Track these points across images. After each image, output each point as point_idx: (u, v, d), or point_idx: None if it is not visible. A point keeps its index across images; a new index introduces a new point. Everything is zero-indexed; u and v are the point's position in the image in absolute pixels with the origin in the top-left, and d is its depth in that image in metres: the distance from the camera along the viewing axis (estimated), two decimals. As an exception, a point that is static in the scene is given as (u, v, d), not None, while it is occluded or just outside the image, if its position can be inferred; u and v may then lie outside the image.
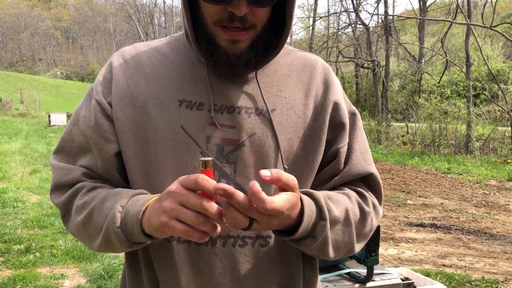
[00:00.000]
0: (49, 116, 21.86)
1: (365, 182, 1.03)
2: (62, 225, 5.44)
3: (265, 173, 0.72)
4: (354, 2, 20.24)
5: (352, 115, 1.06)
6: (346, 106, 1.05)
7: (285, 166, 0.96)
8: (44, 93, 47.61)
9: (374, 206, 1.01)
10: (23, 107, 35.35)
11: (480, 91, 17.84)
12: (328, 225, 0.86)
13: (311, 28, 24.91)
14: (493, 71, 13.58)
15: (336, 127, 1.01)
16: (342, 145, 1.00)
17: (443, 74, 18.07)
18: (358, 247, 0.99)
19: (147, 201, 0.83)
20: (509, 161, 11.64)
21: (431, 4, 24.57)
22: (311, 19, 25.08)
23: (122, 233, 0.84)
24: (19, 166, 9.60)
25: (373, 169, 1.03)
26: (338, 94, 1.04)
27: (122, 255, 4.51)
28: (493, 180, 9.70)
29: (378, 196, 1.04)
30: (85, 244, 0.96)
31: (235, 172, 0.93)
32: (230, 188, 0.70)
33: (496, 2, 11.43)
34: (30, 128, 19.74)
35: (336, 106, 1.01)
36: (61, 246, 4.71)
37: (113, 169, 0.97)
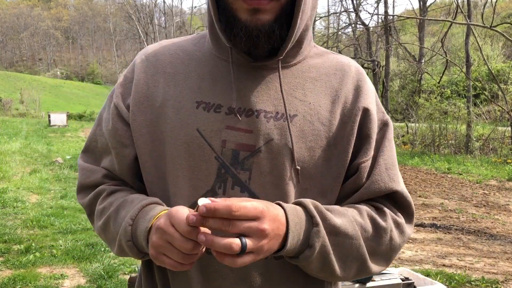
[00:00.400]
0: (49, 116, 21.84)
1: (390, 200, 0.94)
2: (62, 225, 5.45)
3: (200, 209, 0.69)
4: (354, 2, 20.24)
5: (384, 125, 0.97)
6: (377, 115, 0.96)
7: (297, 167, 0.89)
8: (44, 93, 47.62)
9: (398, 224, 0.92)
10: (23, 107, 35.35)
11: (480, 91, 17.84)
12: (323, 232, 0.80)
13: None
14: (493, 71, 13.58)
15: (362, 138, 0.93)
16: (365, 159, 0.92)
17: (443, 74, 18.08)
18: (376, 267, 0.89)
19: (153, 217, 0.82)
20: (509, 161, 11.64)
21: (431, 4, 24.61)
22: (311, 19, 25.00)
23: (134, 246, 0.85)
24: (19, 166, 9.60)
25: (399, 186, 0.93)
26: (370, 102, 0.95)
27: (122, 255, 4.51)
28: (493, 180, 9.70)
29: (406, 214, 0.95)
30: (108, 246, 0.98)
31: (250, 179, 0.88)
32: (196, 214, 0.69)
33: (496, 2, 11.43)
34: (30, 128, 19.74)
35: (365, 114, 0.93)
36: (61, 246, 4.71)
37: (129, 174, 0.96)
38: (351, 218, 0.86)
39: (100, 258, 4.35)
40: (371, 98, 0.96)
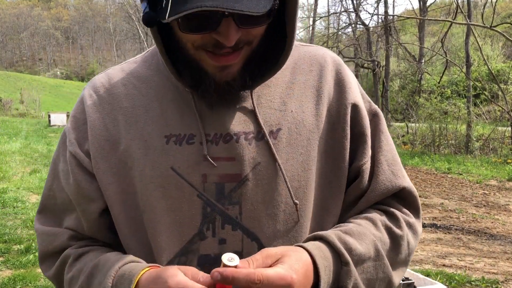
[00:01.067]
0: (49, 116, 21.88)
1: (396, 198, 0.87)
2: (62, 225, 5.44)
3: (214, 276, 0.59)
4: (354, 2, 20.24)
5: (374, 116, 0.88)
6: (365, 106, 0.87)
7: (296, 201, 0.78)
8: (44, 93, 47.67)
9: (410, 226, 0.85)
10: (23, 107, 35.35)
11: (480, 91, 17.84)
12: (354, 270, 0.72)
13: (311, 28, 24.93)
14: (493, 71, 13.57)
15: (356, 138, 0.84)
16: (365, 160, 0.83)
17: (443, 74, 18.06)
18: (397, 276, 0.82)
19: (132, 282, 0.69)
20: (509, 161, 11.64)
21: (431, 4, 24.62)
22: (311, 19, 25.11)
23: None
24: (19, 166, 9.60)
25: (405, 182, 0.86)
26: (355, 95, 0.86)
27: (122, 255, 4.52)
28: (493, 180, 9.69)
29: (414, 210, 0.88)
30: None
31: (241, 214, 0.77)
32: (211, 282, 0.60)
33: (496, 2, 11.42)
34: (30, 128, 19.73)
35: (354, 111, 0.84)
36: (61, 246, 4.71)
37: (100, 229, 0.84)
38: (371, 237, 0.78)
39: (100, 258, 4.35)
40: (355, 91, 0.87)
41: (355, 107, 0.84)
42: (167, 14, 0.64)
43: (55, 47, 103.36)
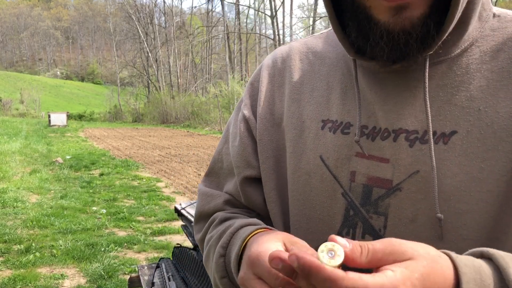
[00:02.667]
0: (49, 116, 21.92)
1: None
2: (62, 225, 5.44)
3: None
4: (354, 2, 20.29)
5: None
6: None
7: (439, 215, 0.60)
8: (44, 93, 47.71)
9: None
10: (23, 107, 35.39)
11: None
12: None
13: (311, 28, 24.94)
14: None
15: None
16: None
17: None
18: None
19: (244, 239, 0.64)
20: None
21: (431, 4, 24.63)
22: (311, 19, 25.10)
23: (231, 284, 0.67)
24: (19, 166, 9.60)
25: None
26: None
27: (122, 255, 4.51)
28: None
29: None
30: None
31: (385, 228, 0.63)
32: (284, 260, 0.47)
33: (496, 2, 11.44)
34: (30, 128, 19.75)
35: None
36: (61, 246, 4.70)
37: (253, 198, 0.79)
38: None
39: (100, 258, 4.35)
40: None
41: None
42: None
43: (55, 47, 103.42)
